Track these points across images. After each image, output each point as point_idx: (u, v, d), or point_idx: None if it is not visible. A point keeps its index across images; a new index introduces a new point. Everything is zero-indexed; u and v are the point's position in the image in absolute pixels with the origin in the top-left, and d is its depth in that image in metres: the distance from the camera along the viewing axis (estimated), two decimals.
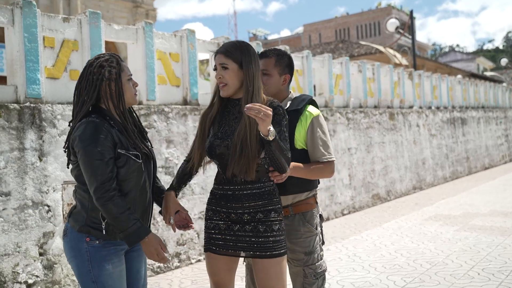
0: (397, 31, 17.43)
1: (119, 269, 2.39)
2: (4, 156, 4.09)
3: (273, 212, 2.52)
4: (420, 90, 11.92)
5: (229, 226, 2.54)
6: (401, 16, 40.93)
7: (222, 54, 2.49)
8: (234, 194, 2.52)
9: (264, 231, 2.49)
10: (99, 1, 23.35)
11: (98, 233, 2.34)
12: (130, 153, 2.32)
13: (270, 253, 2.48)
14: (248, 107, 2.20)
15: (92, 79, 2.33)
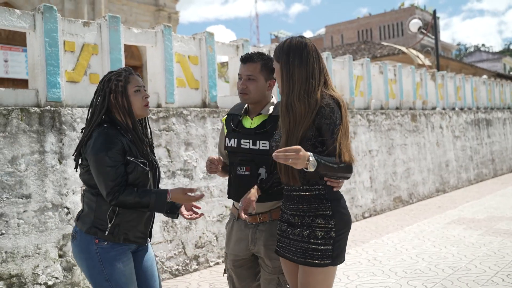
0: (420, 31, 17.20)
1: (129, 267, 2.53)
2: (25, 159, 4.16)
3: (320, 218, 2.38)
4: (443, 91, 11.72)
5: (287, 229, 2.48)
6: (424, 16, 40.38)
7: (273, 55, 2.53)
8: (288, 194, 2.49)
9: (307, 237, 2.38)
10: (122, 5, 23.65)
11: (103, 234, 2.47)
12: (138, 160, 2.48)
13: (308, 260, 2.37)
14: (274, 156, 2.12)
15: (101, 92, 2.53)
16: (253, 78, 2.67)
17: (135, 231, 2.53)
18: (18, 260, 4.05)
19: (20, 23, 4.43)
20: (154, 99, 5.47)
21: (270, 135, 2.63)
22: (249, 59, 2.70)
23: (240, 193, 2.65)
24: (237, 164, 2.72)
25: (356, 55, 23.34)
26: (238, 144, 2.72)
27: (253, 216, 2.71)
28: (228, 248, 2.85)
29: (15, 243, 4.04)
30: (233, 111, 2.86)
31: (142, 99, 2.56)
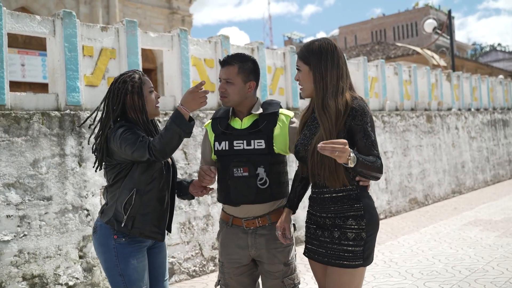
0: (434, 31, 17.08)
1: (143, 264, 2.62)
2: (46, 162, 4.24)
3: (351, 219, 2.37)
4: (459, 91, 11.65)
5: (316, 231, 2.48)
6: (439, 16, 40.09)
7: (297, 55, 2.52)
8: (318, 197, 2.46)
9: (338, 238, 2.38)
10: (136, 8, 23.86)
11: (119, 226, 2.58)
12: None
13: (339, 262, 2.37)
14: (320, 147, 2.10)
15: (117, 93, 2.63)
16: (230, 81, 2.64)
17: (150, 225, 2.61)
18: (40, 260, 4.13)
19: (40, 29, 4.52)
20: (171, 102, 5.54)
21: (264, 134, 2.62)
22: (227, 63, 2.67)
23: (240, 196, 2.60)
24: (232, 166, 2.62)
25: (370, 56, 23.26)
26: (230, 146, 2.65)
27: (250, 221, 2.65)
28: (224, 257, 2.73)
29: (37, 244, 4.12)
30: (217, 115, 2.79)
31: (154, 99, 2.69)
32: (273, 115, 2.68)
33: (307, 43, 2.51)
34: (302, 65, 2.46)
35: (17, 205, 4.04)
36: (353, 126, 2.35)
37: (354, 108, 2.35)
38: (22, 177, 4.09)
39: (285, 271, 2.64)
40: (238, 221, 2.68)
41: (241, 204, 2.63)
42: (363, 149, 2.34)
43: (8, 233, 3.97)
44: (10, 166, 4.03)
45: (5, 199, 3.98)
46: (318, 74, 2.40)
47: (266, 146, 2.60)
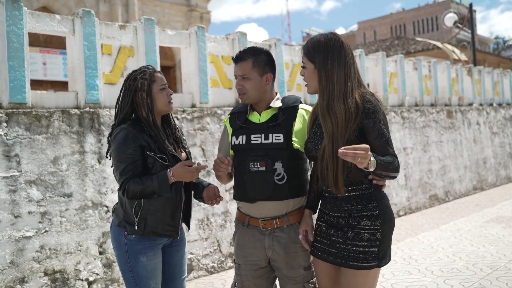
0: (455, 25, 16.82)
1: (154, 262, 2.62)
2: (66, 159, 4.31)
3: (366, 219, 2.30)
4: (480, 86, 11.45)
5: (327, 230, 2.41)
6: (460, 9, 39.49)
7: (303, 51, 2.43)
8: (331, 196, 2.40)
9: (352, 239, 2.31)
10: (155, 6, 24.01)
11: (132, 228, 2.59)
12: (158, 155, 2.57)
13: (353, 263, 2.31)
14: (341, 153, 2.04)
15: (127, 90, 2.66)
16: (246, 76, 2.55)
17: (162, 224, 2.61)
18: (61, 256, 4.20)
19: (60, 28, 4.58)
20: (189, 99, 5.57)
21: (283, 128, 2.53)
22: (240, 58, 2.59)
23: (256, 191, 2.50)
24: (249, 161, 2.52)
25: (389, 51, 23.03)
26: (247, 140, 2.56)
27: (267, 221, 2.54)
28: (241, 259, 2.63)
29: (58, 240, 4.19)
30: (236, 109, 2.73)
31: (166, 96, 2.67)
32: (293, 109, 2.60)
33: (312, 39, 2.41)
34: (307, 62, 2.38)
35: (39, 202, 4.11)
36: (366, 124, 2.28)
37: (366, 107, 2.28)
38: (43, 174, 4.16)
39: (305, 276, 2.54)
40: (254, 221, 2.57)
41: (257, 200, 2.53)
42: (378, 149, 2.27)
43: (30, 229, 4.05)
44: (31, 163, 4.10)
45: (27, 196, 4.05)
46: (323, 74, 2.31)
47: (285, 141, 2.51)
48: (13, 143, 4.02)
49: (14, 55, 4.18)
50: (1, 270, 3.88)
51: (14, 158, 4.01)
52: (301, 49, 2.44)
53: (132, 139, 2.52)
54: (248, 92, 2.57)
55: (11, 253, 3.94)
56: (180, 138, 2.81)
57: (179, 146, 2.78)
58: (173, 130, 2.78)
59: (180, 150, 2.77)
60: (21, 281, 3.96)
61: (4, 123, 3.99)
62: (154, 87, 2.64)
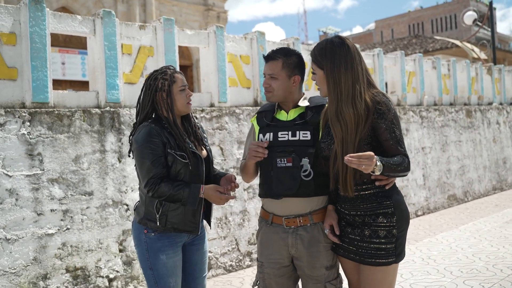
0: (475, 24, 16.61)
1: (173, 260, 2.66)
2: (87, 158, 4.37)
3: (381, 216, 2.35)
4: (501, 85, 11.30)
5: (345, 228, 2.46)
6: (479, 7, 38.95)
7: (311, 58, 2.49)
8: (346, 195, 2.43)
9: (369, 236, 2.36)
10: (172, 6, 24.17)
11: (153, 225, 2.64)
12: (177, 153, 2.61)
13: (372, 260, 2.36)
14: (347, 160, 2.11)
15: (148, 90, 2.71)
16: (274, 76, 2.60)
17: (184, 220, 2.64)
18: (82, 253, 4.26)
19: (81, 28, 4.65)
20: (207, 98, 5.60)
21: (311, 125, 2.56)
22: (271, 57, 2.63)
23: (283, 187, 2.52)
24: (276, 157, 2.55)
25: (407, 50, 22.85)
26: (274, 137, 2.59)
27: (291, 219, 2.55)
28: (264, 257, 2.65)
29: (79, 237, 4.26)
30: (263, 108, 2.77)
31: (185, 97, 2.71)
32: (320, 108, 2.62)
33: (319, 45, 2.45)
34: (316, 69, 2.43)
35: (60, 200, 4.18)
36: (377, 124, 2.32)
37: (377, 108, 2.31)
38: (65, 173, 4.22)
39: (327, 275, 2.54)
40: (278, 220, 2.59)
41: (283, 196, 2.54)
42: (389, 148, 2.33)
43: (52, 226, 4.12)
44: (53, 162, 4.17)
45: (49, 194, 4.12)
46: (331, 80, 2.35)
47: (312, 138, 2.53)
48: (36, 142, 4.09)
49: (37, 56, 4.26)
50: (25, 267, 3.95)
51: (37, 156, 4.09)
52: (310, 56, 2.50)
53: (155, 135, 2.58)
54: (274, 91, 2.61)
55: (34, 250, 4.01)
56: (201, 136, 2.84)
57: (200, 144, 2.81)
58: (194, 128, 2.81)
59: (201, 148, 2.80)
60: (43, 277, 4.04)
61: (27, 122, 4.06)
62: (174, 87, 2.68)
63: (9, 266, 3.88)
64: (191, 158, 2.64)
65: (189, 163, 2.62)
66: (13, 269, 3.90)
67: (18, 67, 4.25)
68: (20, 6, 4.27)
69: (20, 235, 3.95)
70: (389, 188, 2.40)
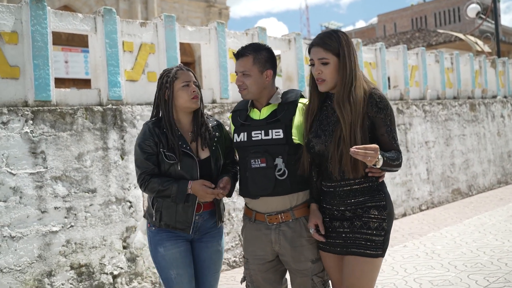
0: (478, 16, 16.52)
1: (172, 252, 2.69)
2: (90, 156, 4.38)
3: (373, 209, 2.39)
4: (505, 78, 11.24)
5: (331, 223, 2.46)
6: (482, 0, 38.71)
7: (321, 47, 2.41)
8: (335, 191, 2.44)
9: (360, 227, 2.38)
10: (174, 3, 24.15)
11: (151, 220, 2.73)
12: (166, 153, 2.63)
13: (360, 251, 2.37)
14: (353, 152, 2.15)
15: (157, 88, 2.78)
16: (247, 73, 2.57)
17: (174, 218, 2.67)
18: (86, 250, 4.28)
19: (82, 26, 4.65)
20: (209, 95, 5.60)
21: (283, 123, 2.54)
22: (241, 54, 2.61)
23: (258, 187, 2.52)
24: (250, 158, 2.56)
25: (410, 44, 22.75)
26: (248, 137, 2.59)
27: (273, 216, 2.56)
28: (249, 253, 2.68)
29: (83, 234, 4.27)
30: (237, 107, 2.77)
31: (189, 92, 2.67)
32: (292, 104, 2.61)
33: (328, 33, 2.44)
34: (331, 57, 2.39)
35: (64, 197, 4.19)
36: (377, 118, 2.37)
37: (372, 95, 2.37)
38: (68, 170, 4.24)
39: (313, 268, 2.56)
40: (261, 216, 2.61)
41: (260, 196, 2.56)
42: (385, 143, 2.38)
43: (56, 224, 4.14)
44: (56, 160, 4.18)
45: (53, 192, 4.14)
46: (348, 64, 2.37)
47: (284, 136, 2.52)
48: (39, 140, 4.10)
49: (39, 54, 4.27)
50: (30, 264, 3.97)
51: (40, 155, 4.10)
52: (315, 46, 2.44)
53: (148, 135, 2.64)
54: (248, 88, 2.58)
55: (39, 247, 4.03)
56: (205, 135, 2.74)
57: (203, 143, 2.72)
58: (198, 126, 2.73)
59: (202, 148, 2.71)
60: (48, 274, 4.06)
61: (30, 120, 4.07)
62: (176, 84, 2.68)
63: (14, 264, 3.90)
64: (182, 159, 2.63)
65: (177, 163, 2.62)
66: (18, 266, 3.92)
67: (20, 65, 4.26)
68: (22, 5, 4.28)
69: (24, 232, 3.97)
70: (382, 183, 2.45)
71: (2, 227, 3.87)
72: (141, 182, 2.65)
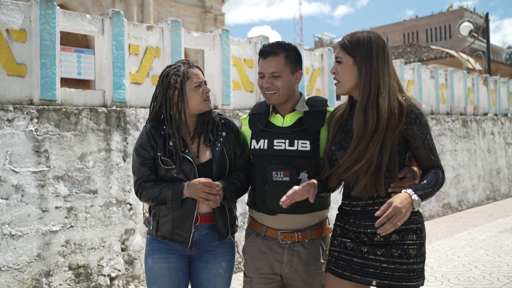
0: (470, 35, 16.80)
1: (159, 267, 2.41)
2: (92, 156, 4.38)
3: (411, 233, 2.06)
4: (496, 96, 11.45)
5: (357, 247, 2.12)
6: (474, 18, 39.33)
7: (339, 46, 2.17)
8: (364, 210, 2.12)
9: (399, 257, 2.05)
10: (170, 7, 24.19)
11: (149, 228, 2.48)
12: (162, 158, 2.38)
13: (403, 283, 2.06)
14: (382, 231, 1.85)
15: (160, 87, 2.46)
16: (278, 74, 2.28)
17: (171, 228, 2.38)
18: (85, 251, 4.27)
19: (90, 27, 4.67)
20: (211, 101, 5.62)
21: (310, 134, 2.27)
22: (271, 53, 2.31)
23: (278, 203, 2.16)
24: (271, 169, 2.27)
25: (402, 58, 23.03)
26: (269, 145, 2.31)
27: (288, 234, 2.29)
28: (253, 272, 2.38)
29: (83, 235, 4.27)
30: (256, 110, 2.46)
31: (202, 93, 2.41)
32: (321, 114, 2.33)
33: (353, 33, 2.17)
34: (345, 57, 2.12)
35: (65, 197, 4.19)
36: (412, 132, 2.07)
37: (411, 111, 2.07)
38: (71, 170, 4.24)
39: None
40: (272, 233, 2.33)
41: (279, 213, 2.27)
42: (422, 158, 2.10)
43: (57, 223, 4.12)
44: (59, 159, 4.18)
45: (55, 191, 4.13)
46: (364, 69, 2.08)
47: (312, 148, 2.25)
48: (43, 139, 4.10)
49: (46, 53, 4.28)
50: (28, 263, 3.96)
51: (43, 153, 4.09)
52: (338, 44, 2.20)
53: (146, 139, 2.41)
54: (279, 91, 2.29)
55: (38, 247, 4.02)
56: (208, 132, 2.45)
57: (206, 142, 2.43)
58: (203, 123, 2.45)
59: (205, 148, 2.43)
60: (46, 274, 4.04)
61: (35, 119, 4.07)
62: (187, 84, 2.39)
63: (13, 262, 3.88)
64: (180, 164, 2.36)
65: (174, 169, 2.36)
66: (16, 265, 3.90)
67: (27, 64, 4.26)
68: (31, 3, 4.29)
69: (24, 231, 3.96)
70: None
71: (3, 225, 3.85)
72: (136, 189, 2.41)
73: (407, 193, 1.93)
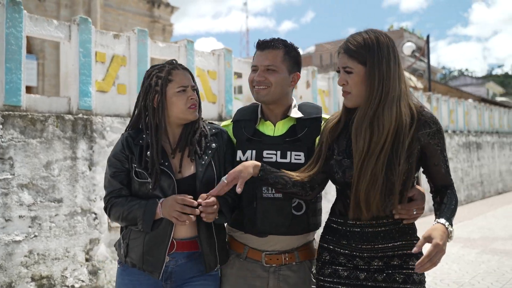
0: (413, 55, 17.69)
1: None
2: (58, 164, 4.30)
3: (414, 258, 1.84)
4: (438, 113, 12.09)
5: (353, 274, 1.86)
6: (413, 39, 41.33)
7: (345, 53, 1.85)
8: (363, 231, 1.86)
9: (403, 282, 1.84)
10: (118, 15, 23.84)
11: (119, 252, 2.12)
12: (137, 169, 2.02)
13: None
14: (419, 269, 1.65)
15: (141, 90, 2.12)
16: (273, 68, 2.01)
17: (140, 255, 2.00)
18: (49, 262, 4.16)
19: (57, 33, 4.60)
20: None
21: (305, 145, 2.01)
22: (269, 45, 2.05)
23: (271, 224, 1.96)
24: (261, 185, 1.97)
25: None
26: (258, 157, 2.01)
27: (274, 256, 2.01)
28: None
29: (47, 245, 4.16)
30: (241, 116, 2.16)
31: (186, 100, 2.02)
32: (316, 122, 2.06)
33: (357, 36, 1.86)
34: (356, 66, 1.82)
35: (29, 206, 4.08)
36: (431, 146, 1.83)
37: (428, 124, 1.83)
38: (36, 178, 4.13)
39: None
40: (256, 254, 2.03)
41: (270, 234, 2.00)
42: (438, 175, 1.90)
43: (20, 233, 4.00)
44: (24, 167, 4.07)
45: (18, 200, 4.01)
46: (377, 76, 1.79)
47: (306, 161, 1.97)
48: (8, 146, 3.99)
49: (12, 58, 4.17)
50: None
51: (8, 161, 3.98)
52: (342, 51, 1.87)
53: (120, 148, 2.06)
54: (271, 87, 2.01)
55: (0, 257, 3.88)
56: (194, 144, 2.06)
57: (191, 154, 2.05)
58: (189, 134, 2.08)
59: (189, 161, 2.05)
60: (8, 286, 3.91)
61: (0, 125, 3.96)
62: (169, 87, 2.03)
63: None
64: (157, 178, 1.98)
65: (149, 183, 1.99)
66: None
67: None
68: None
69: None
70: (413, 223, 1.95)
71: None
72: (105, 205, 2.05)
73: (443, 224, 1.76)
